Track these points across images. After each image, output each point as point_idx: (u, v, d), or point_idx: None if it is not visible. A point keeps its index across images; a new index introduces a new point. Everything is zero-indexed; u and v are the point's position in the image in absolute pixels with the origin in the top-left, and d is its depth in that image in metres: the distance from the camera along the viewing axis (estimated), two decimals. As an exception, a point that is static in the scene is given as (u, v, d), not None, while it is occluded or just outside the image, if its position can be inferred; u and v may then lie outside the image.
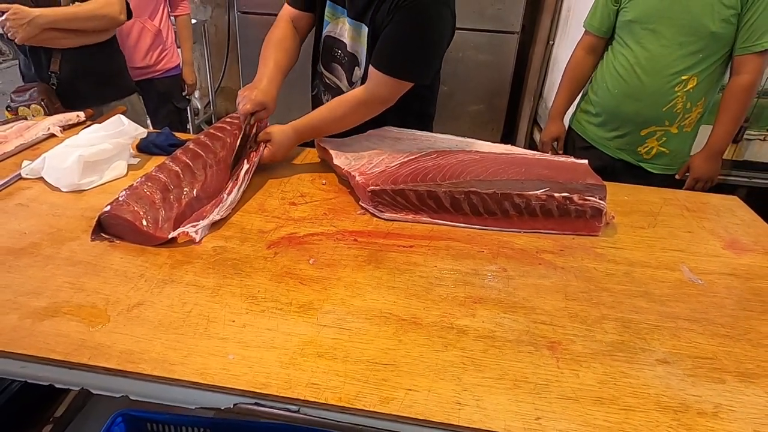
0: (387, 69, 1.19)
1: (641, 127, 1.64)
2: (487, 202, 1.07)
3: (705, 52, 1.51)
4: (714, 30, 1.46)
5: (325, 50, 1.40)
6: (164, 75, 2.27)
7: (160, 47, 2.21)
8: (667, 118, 1.61)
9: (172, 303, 0.81)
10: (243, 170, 1.13)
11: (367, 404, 0.66)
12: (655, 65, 1.56)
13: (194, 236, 0.95)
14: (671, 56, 1.53)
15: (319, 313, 0.81)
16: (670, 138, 1.64)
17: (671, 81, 1.55)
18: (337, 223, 1.08)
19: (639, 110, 1.62)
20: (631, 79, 1.61)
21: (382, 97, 1.23)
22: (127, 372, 0.69)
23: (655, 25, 1.53)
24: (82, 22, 1.69)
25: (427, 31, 1.18)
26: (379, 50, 1.21)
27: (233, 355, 0.72)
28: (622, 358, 0.76)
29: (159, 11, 2.18)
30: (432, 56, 1.25)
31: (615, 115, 1.68)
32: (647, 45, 1.56)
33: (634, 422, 0.66)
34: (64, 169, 1.11)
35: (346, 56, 1.35)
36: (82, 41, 1.73)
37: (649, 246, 1.06)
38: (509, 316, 0.83)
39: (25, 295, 0.81)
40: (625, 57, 1.62)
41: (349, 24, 1.29)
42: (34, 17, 1.58)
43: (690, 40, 1.50)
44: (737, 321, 0.86)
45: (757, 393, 0.72)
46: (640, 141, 1.67)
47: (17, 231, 0.98)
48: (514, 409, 0.67)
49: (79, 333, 0.74)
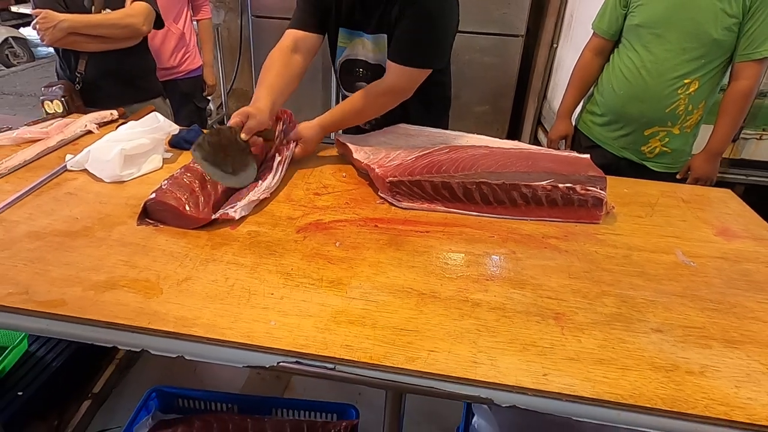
0: (404, 60, 1.27)
1: (645, 127, 1.72)
2: (497, 192, 1.16)
3: (707, 57, 1.59)
4: (716, 37, 1.54)
5: (344, 74, 1.46)
6: (187, 76, 2.39)
7: (183, 49, 2.32)
8: (670, 119, 1.69)
9: (216, 278, 0.91)
10: (276, 161, 1.23)
11: (395, 362, 0.75)
12: (659, 68, 1.63)
13: (233, 215, 1.04)
14: (675, 60, 1.61)
15: (347, 288, 0.91)
16: (673, 138, 1.72)
17: (674, 84, 1.63)
18: (359, 211, 1.17)
19: (643, 111, 1.69)
20: (636, 81, 1.68)
21: (402, 87, 1.32)
22: (182, 335, 0.79)
23: (660, 30, 1.61)
24: (105, 30, 1.80)
25: (437, 20, 1.27)
26: (395, 45, 1.30)
27: (274, 321, 0.82)
28: (619, 327, 0.85)
29: (183, 15, 2.30)
30: (444, 43, 1.34)
31: (620, 115, 1.76)
32: (652, 49, 1.63)
33: (630, 378, 0.75)
34: (106, 162, 1.21)
35: (370, 70, 1.41)
36: (106, 47, 1.84)
37: (647, 233, 1.15)
38: (518, 292, 0.93)
39: (85, 270, 0.91)
40: (631, 60, 1.69)
41: (368, 40, 1.37)
42: (59, 22, 1.71)
43: (693, 45, 1.57)
44: (725, 297, 0.95)
45: (740, 357, 0.81)
46: (643, 141, 1.75)
47: (70, 216, 1.07)
48: (524, 368, 0.76)
49: (137, 302, 0.84)
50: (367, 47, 1.38)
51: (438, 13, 1.27)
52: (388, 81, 1.31)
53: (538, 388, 0.73)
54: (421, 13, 1.25)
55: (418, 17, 1.25)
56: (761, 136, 2.32)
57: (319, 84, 3.26)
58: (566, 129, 1.99)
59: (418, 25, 1.26)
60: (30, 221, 1.05)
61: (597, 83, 1.88)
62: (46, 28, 1.70)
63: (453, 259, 1.01)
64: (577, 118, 1.97)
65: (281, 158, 1.24)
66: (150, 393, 1.33)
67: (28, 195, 1.14)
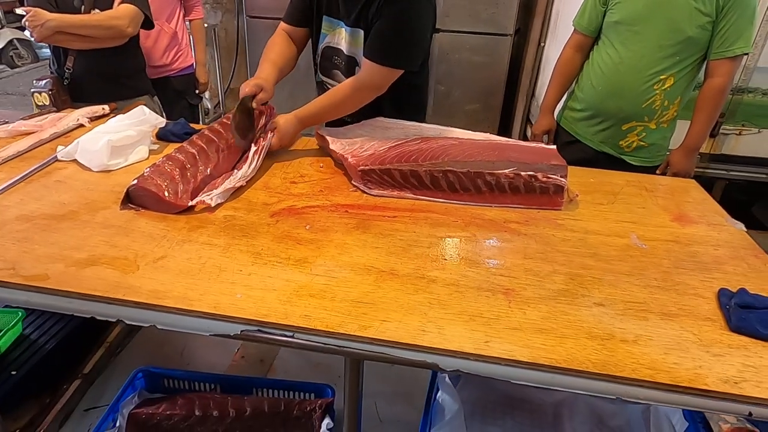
0: (378, 58, 1.33)
1: (623, 122, 1.77)
2: (462, 179, 1.22)
3: (681, 54, 1.64)
4: (691, 35, 1.60)
5: (324, 59, 1.54)
6: (179, 74, 2.47)
7: (175, 48, 2.40)
8: (647, 114, 1.74)
9: (190, 257, 0.97)
10: (252, 151, 1.29)
11: (348, 330, 0.82)
12: (636, 64, 1.69)
13: (209, 203, 1.11)
14: (651, 57, 1.66)
15: (312, 266, 0.97)
16: (649, 133, 1.77)
17: (651, 80, 1.68)
18: (332, 198, 1.23)
19: (621, 106, 1.75)
20: (614, 76, 1.73)
21: (375, 84, 1.38)
22: (154, 305, 0.85)
23: (638, 27, 1.66)
24: (90, 30, 1.86)
25: (412, 21, 1.33)
26: (370, 42, 1.36)
27: (240, 294, 0.88)
28: (564, 301, 0.91)
29: (175, 15, 2.38)
30: (418, 44, 1.40)
31: (598, 110, 1.81)
32: (630, 45, 1.69)
33: (567, 346, 0.81)
34: (95, 152, 1.28)
35: (344, 60, 1.49)
36: (92, 46, 1.90)
37: (605, 218, 1.21)
38: (473, 270, 0.99)
39: (68, 249, 0.98)
40: (609, 56, 1.74)
41: (346, 32, 1.44)
42: (46, 21, 1.77)
43: (669, 43, 1.63)
44: (670, 276, 1.00)
45: (674, 328, 0.86)
46: (621, 135, 1.80)
47: (58, 201, 1.14)
48: (468, 335, 0.82)
49: (115, 277, 0.91)
50: (343, 38, 1.45)
51: (414, 14, 1.33)
52: (362, 77, 1.38)
53: (479, 353, 0.79)
54: (397, 13, 1.31)
55: (395, 17, 1.31)
56: (741, 132, 2.37)
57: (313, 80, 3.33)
58: (549, 124, 2.03)
59: (394, 25, 1.32)
60: (20, 206, 1.12)
61: (577, 79, 1.93)
62: (35, 26, 1.77)
63: (415, 241, 1.07)
64: (558, 114, 2.03)
65: (257, 148, 1.30)
66: (136, 373, 1.40)
67: (19, 182, 1.21)
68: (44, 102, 1.72)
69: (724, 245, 1.12)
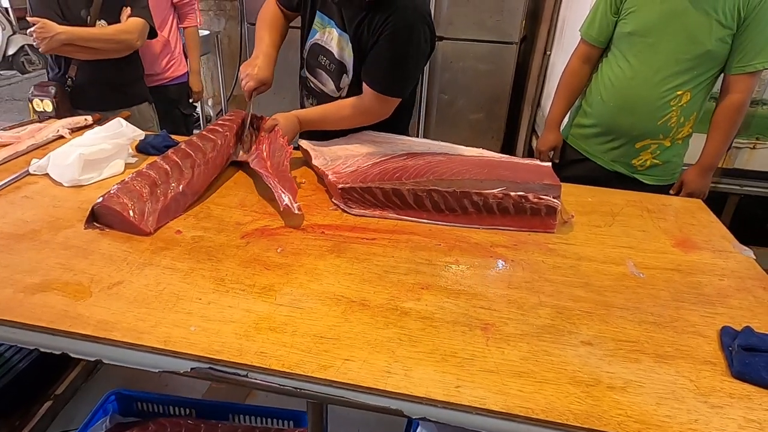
0: (381, 89, 1.35)
1: (636, 140, 1.66)
2: (448, 199, 1.15)
3: (699, 68, 1.53)
4: (710, 48, 1.49)
5: (311, 56, 1.50)
6: (171, 82, 2.44)
7: (168, 56, 2.38)
8: (662, 132, 1.62)
9: (148, 282, 0.91)
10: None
11: (306, 370, 0.75)
12: (651, 79, 1.57)
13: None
14: (667, 71, 1.55)
15: (277, 294, 0.90)
16: (664, 150, 1.66)
17: (667, 96, 1.57)
18: (309, 217, 1.17)
19: (634, 123, 1.63)
20: (628, 91, 1.62)
21: (379, 111, 1.41)
22: (100, 338, 0.79)
23: (653, 39, 1.55)
24: (100, 44, 1.87)
25: (413, 52, 1.34)
26: (372, 70, 1.35)
27: (195, 326, 0.81)
28: (548, 339, 0.83)
29: (168, 24, 2.35)
30: (416, 74, 1.44)
31: (610, 127, 1.69)
32: (645, 59, 1.58)
33: (546, 393, 0.73)
34: (66, 166, 1.23)
35: (334, 63, 1.45)
36: (99, 57, 1.90)
37: (601, 243, 1.13)
38: (451, 301, 0.91)
39: (21, 273, 0.92)
40: (621, 69, 1.63)
41: (337, 33, 1.40)
42: (56, 33, 1.77)
43: (686, 56, 1.52)
44: (667, 310, 0.92)
45: (669, 372, 0.78)
46: (634, 153, 1.68)
47: (20, 219, 1.09)
48: (438, 378, 0.74)
49: (64, 305, 0.85)
50: (334, 40, 1.41)
51: (415, 46, 1.32)
52: (366, 104, 1.38)
53: (448, 401, 0.71)
54: (397, 42, 1.30)
55: (397, 48, 1.31)
56: (755, 146, 2.26)
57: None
58: (555, 140, 1.91)
59: (395, 55, 1.32)
60: (-20, 224, 1.07)
61: (585, 93, 1.82)
62: (44, 38, 1.76)
63: (392, 267, 1.00)
64: (564, 130, 1.92)
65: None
66: (108, 396, 1.34)
67: (-15, 198, 1.17)
68: (46, 108, 1.72)
69: (730, 275, 1.03)
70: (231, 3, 3.79)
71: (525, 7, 2.92)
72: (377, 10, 1.28)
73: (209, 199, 1.23)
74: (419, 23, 1.30)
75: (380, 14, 1.28)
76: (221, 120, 1.41)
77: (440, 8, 3.02)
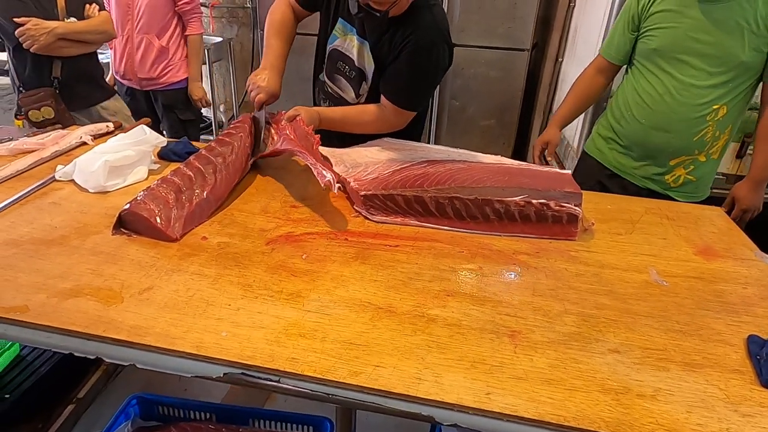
0: (401, 103, 1.42)
1: (671, 156, 1.62)
2: (470, 207, 1.16)
3: (735, 81, 1.49)
4: (745, 59, 1.45)
5: (331, 62, 1.54)
6: (167, 88, 2.52)
7: (164, 62, 2.46)
8: (697, 147, 1.58)
9: (177, 288, 0.93)
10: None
11: (337, 376, 0.75)
12: (685, 95, 1.53)
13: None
14: (702, 86, 1.51)
15: (305, 301, 0.91)
16: (698, 166, 1.62)
17: (702, 111, 1.53)
18: (332, 224, 1.18)
19: (669, 140, 1.59)
20: (661, 109, 1.57)
21: (395, 123, 1.48)
22: (134, 343, 0.80)
23: (682, 55, 1.51)
24: (89, 36, 2.08)
25: (432, 69, 1.41)
26: (390, 85, 1.41)
27: (226, 332, 0.83)
28: (575, 346, 0.84)
29: (168, 32, 2.43)
30: (433, 90, 1.53)
31: (643, 145, 1.65)
32: (676, 74, 1.53)
33: (576, 400, 0.73)
34: (91, 173, 1.25)
35: (354, 71, 1.48)
36: (83, 50, 2.09)
37: (622, 251, 1.13)
38: (477, 308, 0.92)
39: (53, 278, 0.93)
40: (653, 86, 1.58)
41: (357, 42, 1.43)
42: (53, 28, 1.92)
43: (720, 70, 1.48)
44: (693, 319, 0.92)
45: (698, 381, 0.78)
46: (668, 170, 1.64)
47: (49, 225, 1.11)
48: (468, 385, 0.75)
49: (97, 310, 0.86)
50: (355, 47, 1.45)
51: (434, 63, 1.39)
52: (387, 116, 1.44)
53: (479, 407, 0.72)
54: (419, 60, 1.36)
55: (416, 65, 1.37)
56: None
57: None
58: (551, 136, 1.87)
59: (417, 73, 1.38)
60: (10, 229, 1.09)
61: (610, 108, 1.77)
62: (41, 34, 1.88)
63: (417, 274, 1.00)
64: (587, 143, 1.88)
65: None
66: (130, 400, 1.36)
67: (13, 204, 1.18)
68: (47, 116, 1.79)
69: (753, 283, 1.03)
70: (243, 10, 3.83)
71: (537, 14, 2.94)
72: (399, 26, 1.31)
73: (232, 205, 1.24)
74: (440, 42, 1.35)
75: (402, 30, 1.32)
76: (232, 125, 1.44)
77: (452, 15, 3.04)
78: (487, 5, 3.00)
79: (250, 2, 3.76)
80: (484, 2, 3.00)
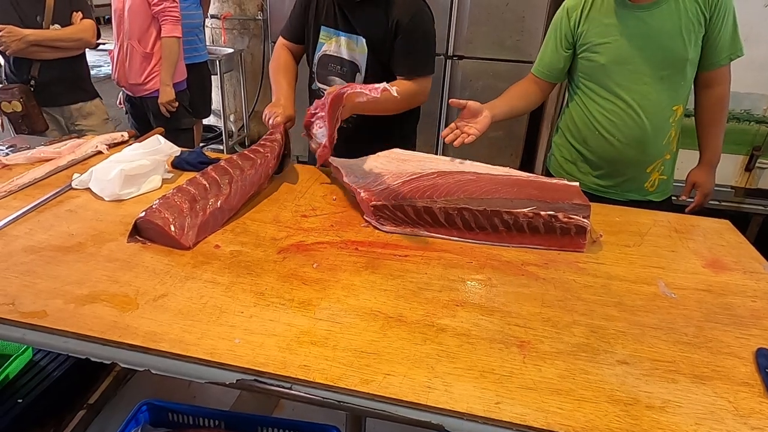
0: (418, 73, 1.54)
1: (647, 165, 1.63)
2: (479, 218, 1.17)
3: (685, 79, 1.52)
4: (690, 57, 1.48)
5: (321, 68, 1.64)
6: (151, 95, 2.53)
7: (147, 69, 2.47)
8: (666, 150, 1.62)
9: (191, 295, 0.94)
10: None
11: (349, 384, 0.77)
12: (650, 104, 1.53)
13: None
14: (659, 92, 1.52)
15: (316, 309, 0.93)
16: (667, 165, 1.65)
17: (667, 115, 1.55)
18: (342, 234, 1.19)
19: (645, 151, 1.59)
20: (634, 122, 1.55)
21: (421, 94, 1.58)
22: (149, 349, 0.82)
23: (632, 66, 1.51)
24: (62, 43, 2.25)
25: (431, 29, 1.56)
26: (403, 61, 1.52)
27: (239, 339, 0.84)
28: (584, 357, 0.84)
29: (149, 37, 2.44)
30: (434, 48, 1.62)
31: (619, 161, 1.63)
32: (632, 86, 1.53)
33: (585, 411, 0.74)
34: (107, 181, 1.28)
35: (345, 66, 1.59)
36: (59, 55, 2.27)
37: (631, 263, 1.14)
38: (486, 318, 0.93)
39: (70, 284, 0.96)
40: (612, 102, 1.57)
41: (344, 39, 1.56)
42: (25, 35, 2.13)
43: (670, 72, 1.50)
44: (702, 331, 0.92)
45: (706, 393, 0.79)
46: (646, 178, 1.66)
47: (66, 233, 1.13)
48: (478, 395, 0.76)
49: (113, 316, 0.88)
50: (343, 45, 1.56)
51: (429, 24, 1.55)
52: (410, 89, 1.51)
53: (489, 416, 0.73)
54: (419, 27, 1.51)
55: (419, 33, 1.51)
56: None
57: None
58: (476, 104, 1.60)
59: (420, 38, 1.52)
60: (29, 236, 1.11)
61: (566, 130, 1.73)
62: (12, 40, 2.11)
63: (426, 284, 1.02)
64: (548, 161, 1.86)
65: None
66: (140, 406, 1.37)
67: (31, 211, 1.21)
68: (15, 109, 2.07)
69: (762, 297, 1.03)
70: (255, 22, 3.89)
71: (545, 26, 2.96)
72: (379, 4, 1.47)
73: (245, 215, 1.26)
74: (421, 4, 1.52)
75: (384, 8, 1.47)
76: (265, 138, 1.44)
77: (460, 27, 3.07)
78: (496, 18, 3.03)
79: (261, 14, 3.82)
80: (493, 15, 3.02)
